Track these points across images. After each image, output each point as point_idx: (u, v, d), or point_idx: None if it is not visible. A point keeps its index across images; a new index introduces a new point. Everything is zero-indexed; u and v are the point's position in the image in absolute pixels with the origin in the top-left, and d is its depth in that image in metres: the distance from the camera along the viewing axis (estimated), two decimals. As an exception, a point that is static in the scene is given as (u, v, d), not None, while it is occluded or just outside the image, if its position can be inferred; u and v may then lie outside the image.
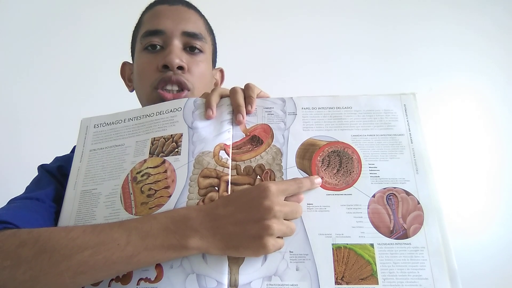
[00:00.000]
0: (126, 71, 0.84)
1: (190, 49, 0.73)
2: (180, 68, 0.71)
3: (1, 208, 0.57)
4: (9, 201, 0.59)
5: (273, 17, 1.54)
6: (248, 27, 1.51)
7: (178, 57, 0.70)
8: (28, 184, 0.65)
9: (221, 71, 0.88)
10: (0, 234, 0.47)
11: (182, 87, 0.71)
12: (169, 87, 0.70)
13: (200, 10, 0.80)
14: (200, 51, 0.74)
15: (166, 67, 0.70)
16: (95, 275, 0.46)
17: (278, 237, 0.47)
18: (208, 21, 0.82)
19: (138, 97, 0.77)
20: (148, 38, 0.73)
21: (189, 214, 0.47)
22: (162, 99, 0.69)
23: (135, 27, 0.80)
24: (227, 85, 0.85)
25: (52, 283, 0.45)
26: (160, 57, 0.71)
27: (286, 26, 1.53)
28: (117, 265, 0.45)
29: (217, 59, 0.86)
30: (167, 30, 0.72)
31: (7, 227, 0.50)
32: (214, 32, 0.83)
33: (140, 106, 0.77)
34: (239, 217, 0.46)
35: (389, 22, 1.56)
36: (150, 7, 0.78)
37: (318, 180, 0.52)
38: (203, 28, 0.78)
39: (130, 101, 0.79)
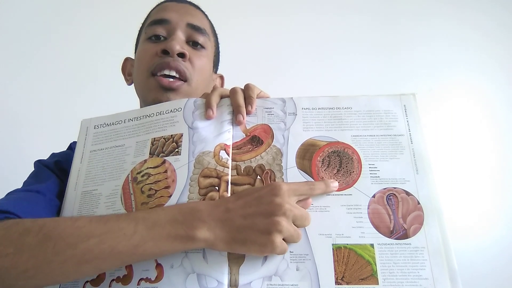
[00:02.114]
0: (127, 67, 0.84)
1: (193, 43, 0.73)
2: (181, 55, 0.70)
3: (1, 199, 0.56)
4: (8, 193, 0.58)
5: (271, 16, 1.54)
6: (247, 25, 1.51)
7: (179, 44, 0.70)
8: (26, 179, 0.64)
9: (221, 77, 0.87)
10: (4, 223, 0.46)
11: (180, 76, 0.69)
12: (166, 72, 0.69)
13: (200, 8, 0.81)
14: (203, 47, 0.74)
15: (166, 52, 0.69)
16: (99, 264, 0.44)
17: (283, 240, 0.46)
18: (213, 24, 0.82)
19: (135, 88, 0.77)
20: (153, 27, 0.73)
21: (198, 207, 0.47)
22: (158, 85, 0.68)
23: (142, 24, 0.80)
24: (227, 85, 0.86)
25: (55, 272, 0.43)
26: (162, 45, 0.71)
27: (284, 26, 1.53)
28: (122, 254, 0.44)
29: (219, 65, 0.85)
30: (172, 20, 0.72)
31: (8, 217, 0.49)
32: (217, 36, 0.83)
33: (137, 97, 0.76)
34: (249, 211, 0.46)
35: (389, 21, 1.56)
36: (158, 4, 0.79)
37: (335, 184, 0.51)
38: (208, 27, 0.78)
39: (130, 100, 0.79)
